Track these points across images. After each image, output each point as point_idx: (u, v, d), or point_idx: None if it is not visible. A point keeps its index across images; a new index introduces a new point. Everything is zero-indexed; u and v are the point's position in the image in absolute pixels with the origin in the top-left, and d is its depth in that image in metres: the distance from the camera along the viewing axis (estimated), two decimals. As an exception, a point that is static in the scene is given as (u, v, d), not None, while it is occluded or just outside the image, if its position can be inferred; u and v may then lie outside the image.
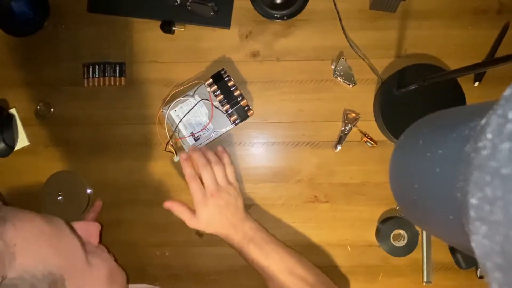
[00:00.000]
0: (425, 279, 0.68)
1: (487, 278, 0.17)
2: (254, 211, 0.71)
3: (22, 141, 0.71)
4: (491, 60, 0.43)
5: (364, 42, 0.69)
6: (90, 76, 0.71)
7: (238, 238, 0.62)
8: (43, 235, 0.39)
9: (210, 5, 0.66)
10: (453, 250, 0.68)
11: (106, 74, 0.70)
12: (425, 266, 0.68)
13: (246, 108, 0.67)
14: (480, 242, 0.17)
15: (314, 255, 0.70)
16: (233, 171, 0.65)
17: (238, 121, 0.67)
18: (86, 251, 0.45)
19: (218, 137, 0.68)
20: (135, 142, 0.71)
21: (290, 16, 0.68)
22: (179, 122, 0.67)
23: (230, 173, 0.65)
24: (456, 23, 0.69)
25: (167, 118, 0.67)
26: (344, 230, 0.70)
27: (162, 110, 0.68)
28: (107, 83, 0.71)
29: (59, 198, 0.70)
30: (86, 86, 0.71)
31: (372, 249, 0.70)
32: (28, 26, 0.69)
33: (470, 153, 0.18)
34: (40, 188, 0.71)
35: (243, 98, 0.67)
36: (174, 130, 0.67)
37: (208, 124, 0.67)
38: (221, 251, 0.71)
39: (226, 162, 0.65)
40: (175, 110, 0.67)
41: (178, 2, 0.67)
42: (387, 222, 0.68)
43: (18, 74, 0.72)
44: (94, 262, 0.45)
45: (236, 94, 0.67)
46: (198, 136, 0.67)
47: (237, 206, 0.63)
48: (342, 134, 0.69)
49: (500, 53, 0.68)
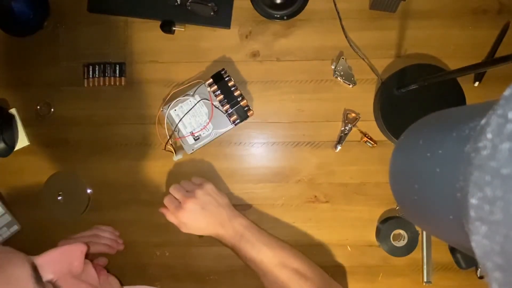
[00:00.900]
0: (425, 279, 0.68)
1: (487, 278, 0.17)
2: (254, 211, 0.71)
3: (22, 141, 0.71)
4: (491, 60, 0.43)
5: (364, 42, 0.69)
6: (90, 76, 0.71)
7: (228, 235, 0.61)
8: None
9: (210, 5, 0.66)
10: (453, 250, 0.68)
11: (106, 74, 0.70)
12: (425, 266, 0.68)
13: (246, 108, 0.67)
14: (480, 242, 0.17)
15: (314, 255, 0.70)
16: (203, 180, 0.65)
17: (238, 121, 0.67)
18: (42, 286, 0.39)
19: (217, 137, 0.68)
20: (135, 142, 0.71)
21: (290, 16, 0.68)
22: (179, 122, 0.67)
23: (201, 180, 0.65)
24: (456, 23, 0.69)
25: (167, 117, 0.67)
26: (344, 230, 0.70)
27: (162, 109, 0.68)
28: (107, 83, 0.71)
29: (59, 198, 0.70)
30: (86, 86, 0.71)
31: (372, 249, 0.70)
32: (28, 26, 0.69)
33: (470, 153, 0.18)
34: (40, 188, 0.71)
35: (243, 98, 0.67)
36: (174, 130, 0.67)
37: (208, 124, 0.67)
38: (221, 251, 0.71)
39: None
40: (175, 110, 0.67)
41: (178, 2, 0.67)
42: (387, 222, 0.68)
43: (18, 74, 0.72)
44: None
45: (236, 94, 0.67)
46: (198, 135, 0.67)
47: (218, 203, 0.62)
48: (342, 134, 0.69)
49: (500, 53, 0.68)
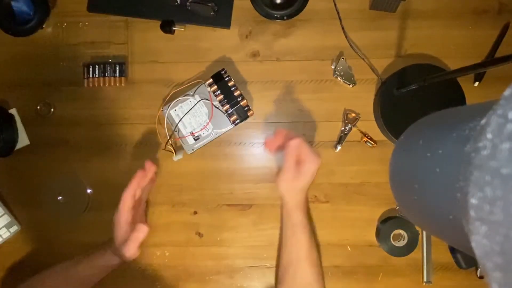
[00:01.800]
0: (425, 279, 0.68)
1: (487, 278, 0.17)
2: (254, 211, 0.71)
3: (22, 141, 0.71)
4: (491, 60, 0.43)
5: (364, 42, 0.69)
6: (90, 76, 0.71)
7: (302, 203, 0.61)
8: None
9: (210, 5, 0.66)
10: (453, 250, 0.68)
11: (106, 74, 0.70)
12: (425, 266, 0.68)
13: (246, 108, 0.67)
14: (480, 242, 0.17)
15: (314, 255, 0.70)
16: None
17: (238, 121, 0.67)
18: None
19: (217, 137, 0.68)
20: (135, 142, 0.71)
21: (290, 16, 0.68)
22: (179, 122, 0.67)
23: None
24: (456, 23, 0.69)
25: (167, 117, 0.67)
26: (344, 230, 0.70)
27: (162, 109, 0.68)
28: (107, 83, 0.71)
29: (59, 198, 0.70)
30: (86, 86, 0.71)
31: (372, 249, 0.70)
32: (28, 26, 0.69)
33: (470, 153, 0.18)
34: (40, 188, 0.71)
35: (243, 98, 0.67)
36: (174, 130, 0.67)
37: (208, 124, 0.67)
38: (221, 251, 0.71)
39: None
40: (175, 110, 0.67)
41: (178, 2, 0.67)
42: (387, 222, 0.68)
43: (18, 74, 0.72)
44: None
45: (236, 94, 0.67)
46: (198, 135, 0.67)
47: None
48: (342, 134, 0.69)
49: (500, 53, 0.68)
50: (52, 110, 0.72)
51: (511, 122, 0.16)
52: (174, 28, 0.69)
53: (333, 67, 0.69)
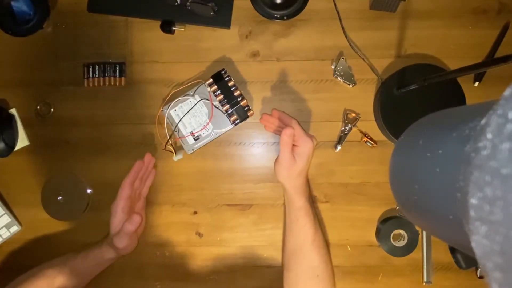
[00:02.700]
0: (425, 279, 0.68)
1: (487, 278, 0.17)
2: (254, 211, 0.71)
3: (22, 141, 0.71)
4: (491, 60, 0.43)
5: (364, 42, 0.69)
6: (90, 76, 0.71)
7: (302, 190, 0.62)
8: None
9: (210, 5, 0.66)
10: (453, 250, 0.68)
11: (106, 74, 0.70)
12: (425, 266, 0.68)
13: (246, 108, 0.67)
14: (480, 242, 0.17)
15: (314, 255, 0.70)
16: None
17: (238, 121, 0.67)
18: None
19: (217, 137, 0.68)
20: (135, 142, 0.71)
21: (290, 16, 0.68)
22: (179, 122, 0.67)
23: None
24: (456, 23, 0.69)
25: (167, 117, 0.67)
26: (344, 230, 0.70)
27: (162, 109, 0.68)
28: (107, 83, 0.71)
29: (59, 198, 0.70)
30: (86, 86, 0.71)
31: (372, 249, 0.70)
32: (28, 26, 0.69)
33: (470, 153, 0.18)
34: (40, 188, 0.71)
35: (243, 98, 0.67)
36: (174, 130, 0.67)
37: (207, 124, 0.67)
38: (221, 251, 0.71)
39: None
40: (175, 110, 0.67)
41: (178, 2, 0.67)
42: (387, 222, 0.68)
43: (18, 74, 0.72)
44: None
45: (236, 94, 0.67)
46: (198, 135, 0.67)
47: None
48: (342, 134, 0.69)
49: (500, 53, 0.68)
50: (52, 110, 0.72)
51: (511, 122, 0.16)
52: (174, 28, 0.69)
53: (333, 67, 0.69)
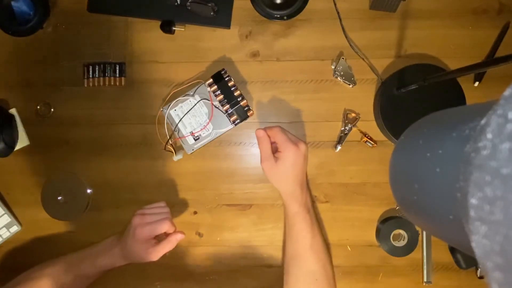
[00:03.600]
0: (425, 279, 0.68)
1: (487, 278, 0.17)
2: (254, 211, 0.71)
3: (22, 141, 0.71)
4: (491, 60, 0.43)
5: (364, 42, 0.69)
6: (90, 76, 0.71)
7: (299, 199, 0.61)
8: None
9: (210, 5, 0.66)
10: (453, 250, 0.68)
11: (106, 74, 0.70)
12: (425, 266, 0.68)
13: (246, 108, 0.67)
14: (480, 242, 0.17)
15: (314, 255, 0.70)
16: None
17: (238, 121, 0.67)
18: None
19: (217, 137, 0.68)
20: (135, 142, 0.71)
21: (290, 16, 0.68)
22: (179, 122, 0.67)
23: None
24: (456, 23, 0.69)
25: (167, 117, 0.67)
26: (344, 230, 0.70)
27: (162, 109, 0.68)
28: (107, 83, 0.71)
29: (59, 198, 0.70)
30: (86, 86, 0.71)
31: (372, 249, 0.70)
32: (28, 26, 0.69)
33: (470, 153, 0.18)
34: (40, 188, 0.71)
35: (243, 98, 0.67)
36: (174, 130, 0.67)
37: (207, 124, 0.67)
38: (221, 251, 0.71)
39: None
40: (175, 110, 0.67)
41: (178, 2, 0.67)
42: (387, 222, 0.68)
43: (18, 74, 0.72)
44: None
45: (236, 94, 0.67)
46: (198, 135, 0.67)
47: (305, 168, 0.62)
48: (342, 134, 0.69)
49: (500, 53, 0.68)
50: (52, 110, 0.72)
51: (511, 122, 0.16)
52: (174, 28, 0.69)
53: (333, 67, 0.69)
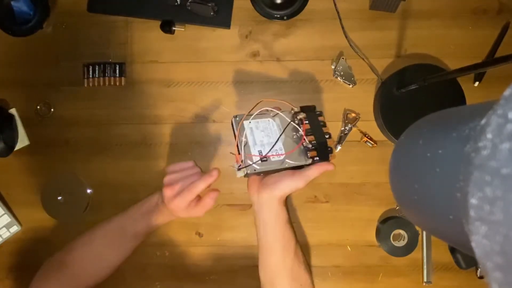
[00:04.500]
0: (425, 279, 0.68)
1: (487, 278, 0.17)
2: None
3: (22, 141, 0.71)
4: (491, 60, 0.43)
5: (364, 42, 0.69)
6: (90, 76, 0.71)
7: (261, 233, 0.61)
8: None
9: (210, 5, 0.66)
10: (453, 250, 0.68)
11: (106, 74, 0.70)
12: (425, 266, 0.68)
13: (330, 149, 0.58)
14: (480, 242, 0.17)
15: (314, 255, 0.70)
16: None
17: (317, 159, 0.57)
18: None
19: (286, 168, 0.58)
20: (135, 142, 0.71)
21: (290, 16, 0.68)
22: (251, 138, 0.58)
23: None
24: (456, 23, 0.69)
25: (239, 125, 0.58)
26: (344, 230, 0.70)
27: (236, 117, 0.59)
28: (107, 83, 0.71)
29: (59, 198, 0.70)
30: (86, 86, 0.71)
31: (372, 249, 0.70)
32: (28, 26, 0.69)
33: (470, 153, 0.18)
34: (40, 188, 0.71)
35: (330, 137, 0.59)
36: (241, 143, 0.58)
37: (290, 152, 0.57)
38: (221, 251, 0.71)
39: None
40: (250, 122, 0.59)
41: (178, 2, 0.67)
42: (387, 222, 0.68)
43: (18, 74, 0.72)
44: None
45: (324, 130, 0.59)
46: (266, 159, 0.57)
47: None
48: (342, 134, 0.69)
49: (500, 53, 0.68)
50: (52, 110, 0.72)
51: (511, 122, 0.16)
52: (174, 28, 0.69)
53: (333, 67, 0.69)
